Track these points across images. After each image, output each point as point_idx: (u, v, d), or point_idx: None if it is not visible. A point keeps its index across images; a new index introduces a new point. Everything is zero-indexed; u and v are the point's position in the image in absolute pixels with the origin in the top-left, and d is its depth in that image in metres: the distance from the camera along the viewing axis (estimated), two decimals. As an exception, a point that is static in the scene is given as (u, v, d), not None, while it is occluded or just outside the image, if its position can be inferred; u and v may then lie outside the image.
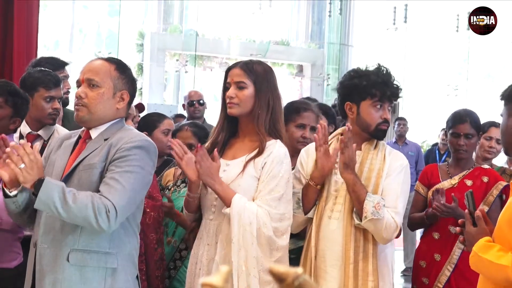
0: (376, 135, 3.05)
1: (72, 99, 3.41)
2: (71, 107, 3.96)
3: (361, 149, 3.06)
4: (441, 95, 15.63)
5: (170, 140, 2.98)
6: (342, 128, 3.16)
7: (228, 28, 14.08)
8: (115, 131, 2.60)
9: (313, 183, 2.99)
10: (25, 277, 2.62)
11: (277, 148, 2.83)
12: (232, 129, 2.96)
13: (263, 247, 2.73)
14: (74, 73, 2.73)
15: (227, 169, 2.87)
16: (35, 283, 2.54)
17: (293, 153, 3.32)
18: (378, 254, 2.96)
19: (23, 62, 5.32)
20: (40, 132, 3.65)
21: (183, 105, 6.46)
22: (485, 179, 3.69)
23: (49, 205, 2.37)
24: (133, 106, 4.20)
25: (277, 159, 2.81)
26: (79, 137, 2.69)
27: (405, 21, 14.27)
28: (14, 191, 2.47)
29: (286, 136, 2.96)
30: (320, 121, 3.04)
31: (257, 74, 2.86)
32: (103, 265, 2.50)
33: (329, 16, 14.11)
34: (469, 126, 3.71)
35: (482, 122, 3.95)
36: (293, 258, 2.96)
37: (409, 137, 9.31)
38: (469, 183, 3.69)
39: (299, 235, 3.17)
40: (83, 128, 2.68)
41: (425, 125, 14.84)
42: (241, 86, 2.85)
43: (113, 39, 13.39)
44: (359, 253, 2.92)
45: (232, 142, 2.96)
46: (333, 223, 2.97)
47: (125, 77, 2.64)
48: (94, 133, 2.63)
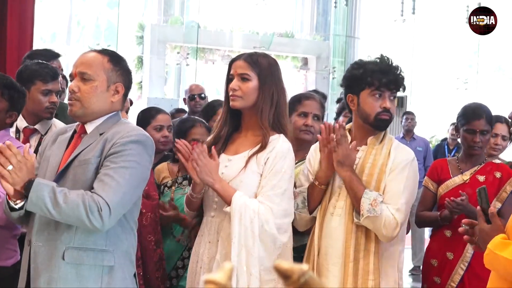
0: (376, 125, 3.01)
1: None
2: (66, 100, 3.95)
3: (366, 144, 3.04)
4: (450, 89, 15.59)
5: (176, 140, 2.95)
6: (349, 124, 3.15)
7: (230, 19, 14.06)
8: (111, 125, 2.59)
9: (317, 183, 2.99)
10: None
11: (280, 143, 2.82)
12: (235, 123, 2.95)
13: (266, 245, 2.72)
14: (71, 67, 2.76)
15: (229, 165, 2.86)
16: (30, 281, 2.52)
17: (297, 146, 3.30)
18: (381, 252, 2.94)
19: (17, 55, 5.31)
20: (37, 126, 3.64)
21: (184, 99, 6.46)
22: (498, 174, 3.67)
23: (40, 206, 2.36)
24: (130, 98, 4.19)
25: (280, 154, 2.80)
26: (75, 132, 2.67)
27: (413, 12, 14.22)
28: (20, 203, 2.42)
29: (291, 131, 2.95)
30: (324, 121, 3.01)
31: (262, 66, 2.85)
32: (100, 263, 2.49)
33: (335, 7, 14.05)
34: (484, 122, 3.68)
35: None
36: (295, 256, 2.94)
37: (417, 132, 9.29)
38: (481, 178, 3.67)
39: (302, 233, 3.15)
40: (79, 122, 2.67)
41: (434, 119, 14.81)
42: (244, 78, 2.84)
43: (112, 31, 13.39)
44: (360, 251, 2.91)
45: (234, 136, 2.95)
46: (335, 219, 2.96)
47: (119, 69, 2.63)
48: (89, 127, 2.61)
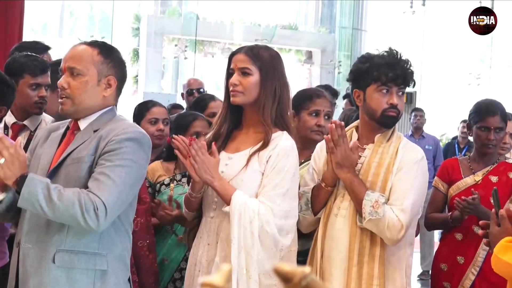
0: (383, 122, 2.99)
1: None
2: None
3: (373, 142, 3.02)
4: (462, 84, 15.60)
5: (173, 136, 2.91)
6: (356, 121, 3.13)
7: (231, 10, 14.05)
8: (106, 122, 2.58)
9: (324, 184, 2.97)
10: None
11: (283, 140, 2.80)
12: (235, 120, 2.93)
13: (267, 248, 2.71)
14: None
15: (230, 163, 2.84)
16: (18, 285, 2.51)
17: (305, 144, 3.28)
18: (388, 257, 2.93)
19: (3, 47, 5.28)
20: (26, 122, 3.63)
21: (182, 94, 6.45)
22: (511, 175, 3.65)
23: (33, 203, 2.35)
24: None
25: (283, 152, 2.78)
26: (67, 128, 2.66)
27: (423, 4, 14.22)
28: (0, 196, 2.45)
29: (294, 127, 2.94)
30: (332, 120, 2.99)
31: (263, 60, 2.83)
32: (92, 267, 2.48)
33: (341, -3, 14.08)
34: (499, 119, 3.66)
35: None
36: (300, 260, 2.93)
37: (427, 129, 9.28)
38: (494, 179, 3.65)
39: (308, 236, 3.14)
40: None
41: (445, 116, 14.80)
42: (245, 72, 2.82)
43: (106, 23, 13.38)
44: (364, 255, 2.90)
45: (235, 133, 2.93)
46: (339, 221, 2.95)
47: (110, 61, 2.60)
48: (82, 124, 2.60)
